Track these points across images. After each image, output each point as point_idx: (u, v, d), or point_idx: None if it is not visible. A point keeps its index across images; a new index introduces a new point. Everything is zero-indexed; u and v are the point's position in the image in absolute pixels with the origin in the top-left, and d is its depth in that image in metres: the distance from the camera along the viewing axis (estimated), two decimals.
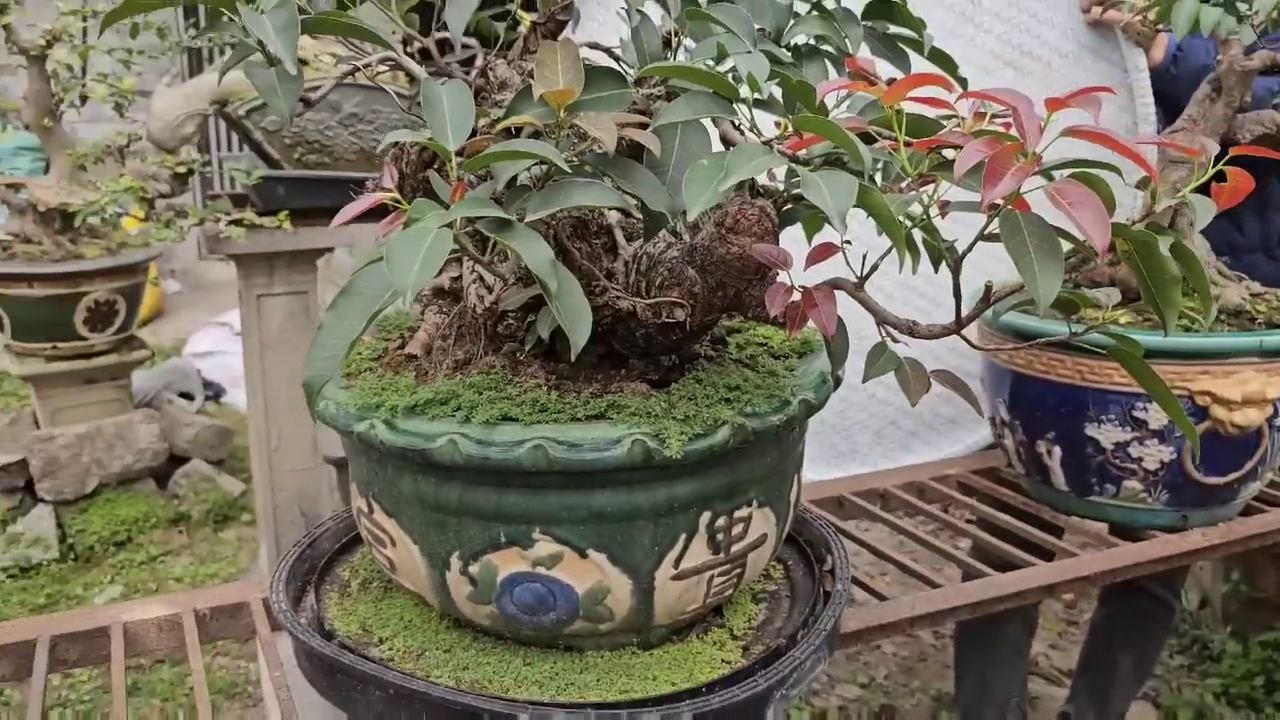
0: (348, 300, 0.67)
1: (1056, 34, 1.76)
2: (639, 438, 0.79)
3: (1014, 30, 1.75)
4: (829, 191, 0.58)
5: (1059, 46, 1.76)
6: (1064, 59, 1.76)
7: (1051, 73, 1.77)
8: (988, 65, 1.75)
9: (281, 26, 0.69)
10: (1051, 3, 1.75)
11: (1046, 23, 1.75)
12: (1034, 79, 1.76)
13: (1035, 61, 1.76)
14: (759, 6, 0.84)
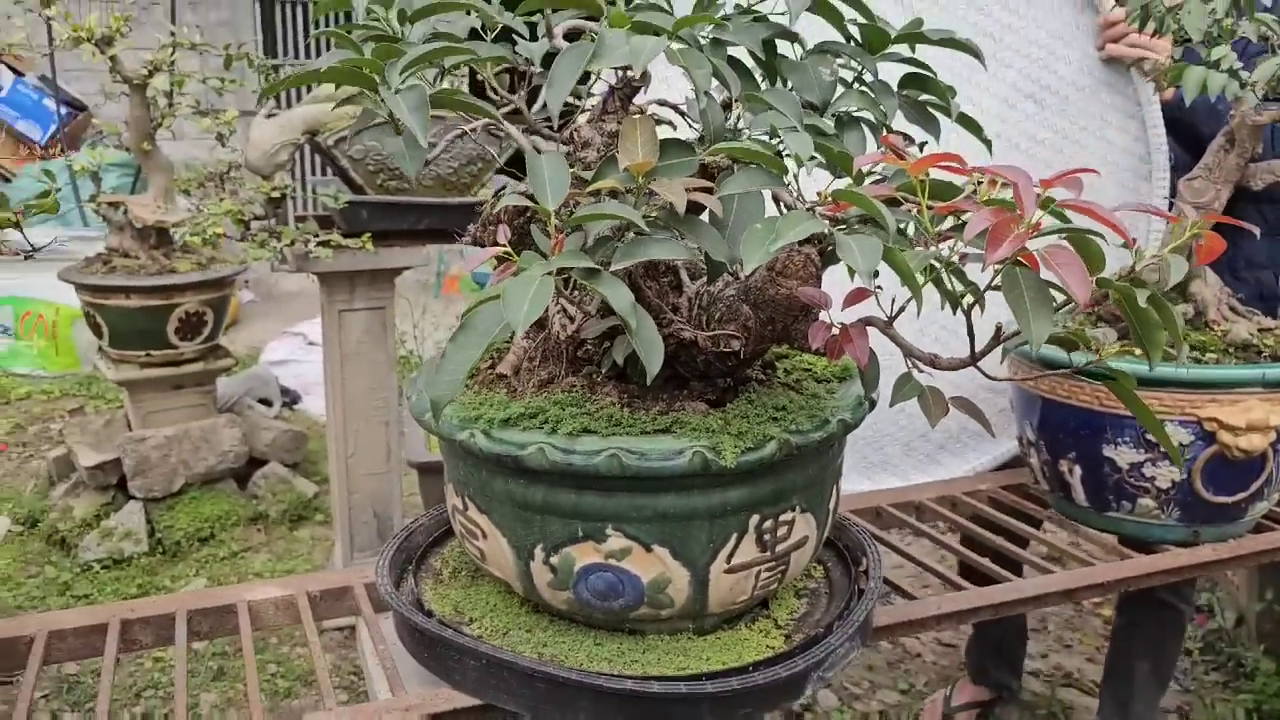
0: (466, 334, 0.82)
1: (1073, 69, 1.87)
2: (699, 449, 0.93)
3: (1033, 66, 1.86)
4: (859, 252, 0.71)
5: (1075, 81, 1.87)
6: (1080, 92, 1.87)
7: (1069, 105, 1.88)
8: (1009, 98, 1.87)
9: (414, 106, 0.85)
10: (1068, 40, 1.86)
11: (1063, 59, 1.87)
12: (1052, 110, 1.87)
13: (1053, 95, 1.87)
14: (807, 82, 0.98)
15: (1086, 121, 1.88)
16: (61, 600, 3.03)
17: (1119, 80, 1.87)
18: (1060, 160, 1.89)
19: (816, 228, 0.75)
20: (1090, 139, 1.89)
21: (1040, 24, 1.87)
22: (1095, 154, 1.90)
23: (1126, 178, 1.91)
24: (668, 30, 0.88)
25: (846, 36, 1.03)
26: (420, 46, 0.91)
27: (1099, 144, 1.90)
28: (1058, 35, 1.87)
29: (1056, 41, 1.87)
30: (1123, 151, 1.89)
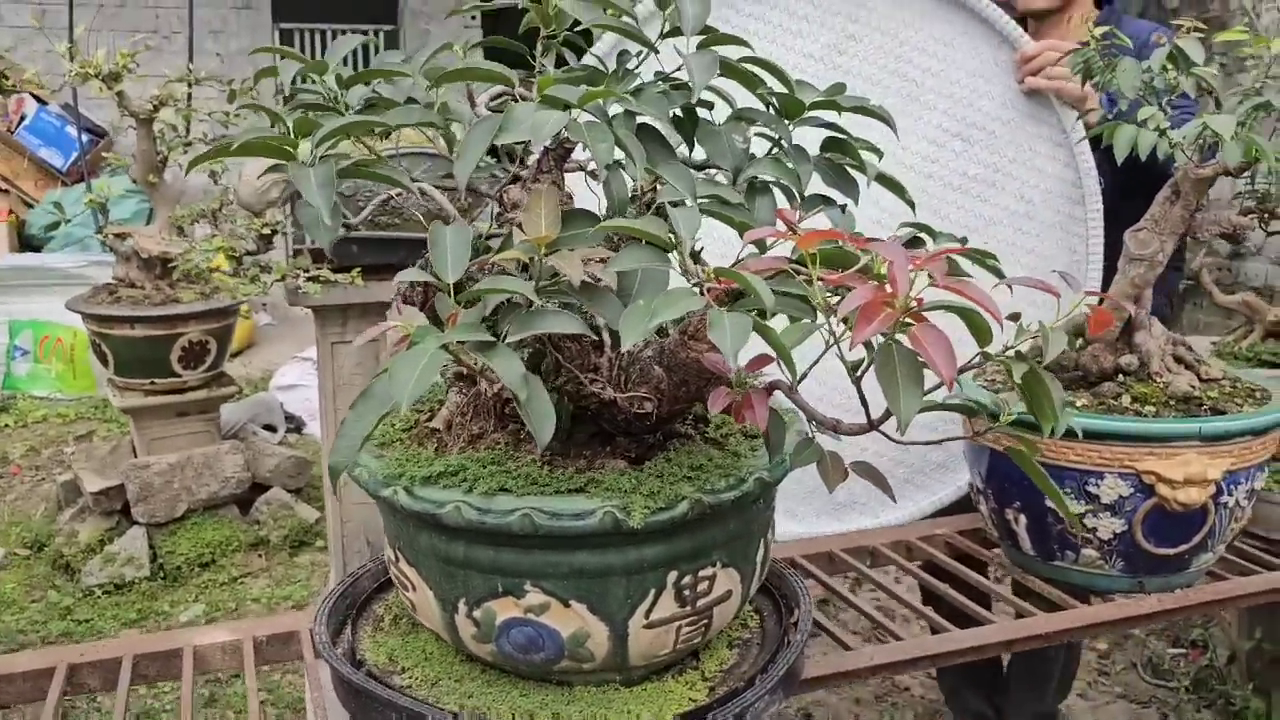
0: (365, 402, 0.84)
1: (996, 104, 1.91)
2: (609, 509, 0.95)
3: (957, 105, 1.90)
4: (729, 331, 0.73)
5: (1000, 115, 1.91)
6: (1006, 126, 1.91)
7: (996, 139, 1.91)
8: (937, 138, 1.91)
9: (320, 184, 0.88)
10: (988, 77, 1.90)
11: (986, 95, 1.91)
12: (980, 146, 1.91)
13: (980, 131, 1.91)
14: (720, 150, 1.00)
15: (1015, 153, 1.93)
16: (63, 625, 3.08)
17: (1042, 111, 1.91)
18: (993, 193, 1.92)
19: (694, 306, 0.77)
20: (1021, 169, 1.93)
21: (959, 65, 1.91)
22: (1028, 184, 1.94)
23: (1060, 204, 1.94)
24: (573, 104, 0.91)
25: (766, 103, 1.05)
26: (335, 120, 0.94)
27: (1030, 173, 1.93)
28: (977, 74, 1.91)
29: (977, 79, 1.91)
30: (1054, 179, 1.93)
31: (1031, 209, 1.94)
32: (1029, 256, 1.95)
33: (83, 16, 5.83)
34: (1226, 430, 1.27)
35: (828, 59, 1.90)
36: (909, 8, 1.90)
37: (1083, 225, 1.93)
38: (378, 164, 0.93)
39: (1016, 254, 1.94)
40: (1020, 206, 1.94)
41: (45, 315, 5.36)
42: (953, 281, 0.75)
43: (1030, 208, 1.94)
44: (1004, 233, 1.95)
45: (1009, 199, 1.93)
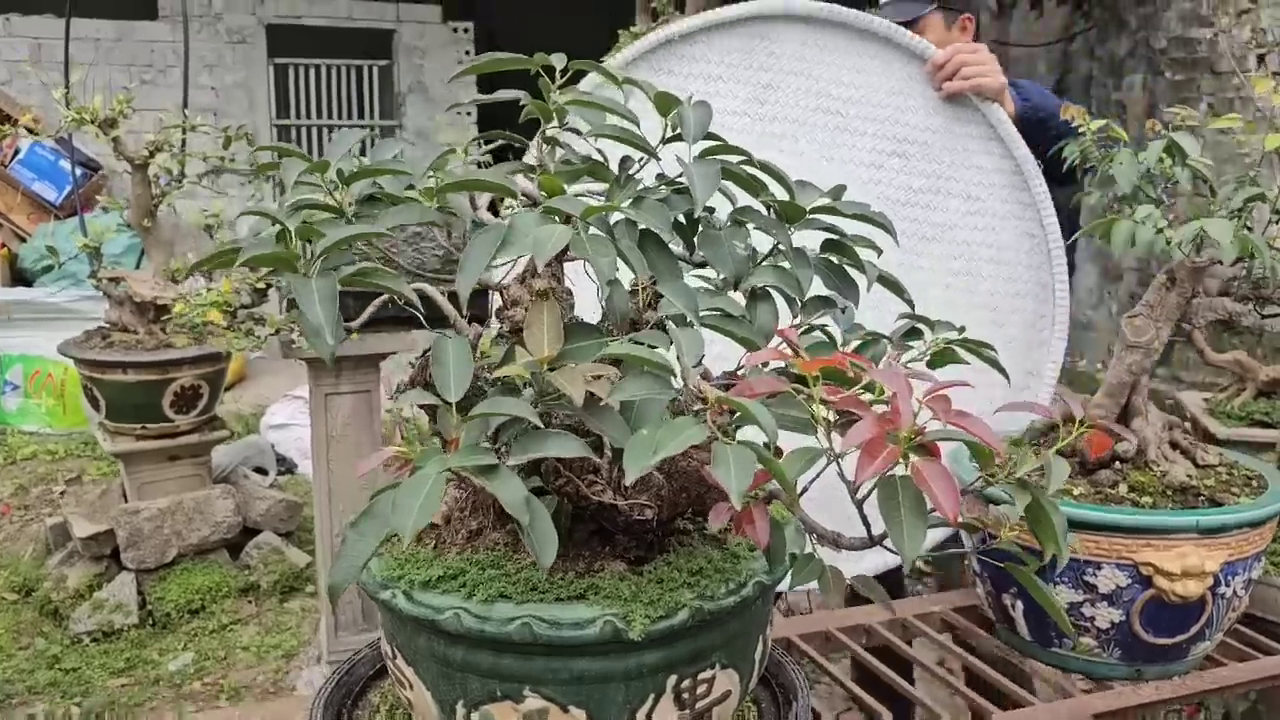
0: (367, 521, 0.84)
1: (921, 115, 1.96)
2: (609, 618, 0.95)
3: (885, 125, 1.96)
4: (734, 468, 0.73)
5: (928, 125, 1.96)
6: (935, 133, 1.96)
7: (930, 148, 1.97)
8: (874, 160, 1.96)
9: (323, 298, 0.88)
10: (907, 92, 1.95)
11: (909, 110, 1.96)
12: (917, 158, 1.97)
13: (912, 144, 1.96)
14: (721, 257, 1.01)
15: (952, 157, 1.98)
16: (50, 674, 3.06)
17: (965, 111, 1.96)
18: (941, 199, 1.97)
19: (699, 437, 0.77)
20: (961, 170, 1.98)
21: (878, 87, 1.96)
22: (971, 182, 1.98)
23: (1006, 193, 1.99)
24: (576, 215, 0.91)
25: (767, 205, 1.06)
26: (338, 229, 0.94)
27: (971, 172, 1.98)
28: (897, 91, 1.97)
29: (898, 97, 1.96)
30: (994, 171, 1.98)
31: (981, 205, 1.98)
32: (989, 250, 1.99)
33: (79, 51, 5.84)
34: (1223, 523, 1.28)
35: (751, 111, 1.95)
36: (814, 46, 1.95)
37: (1034, 209, 1.98)
38: (380, 275, 0.93)
39: (976, 250, 1.98)
40: (970, 205, 1.98)
41: (36, 350, 5.34)
42: (957, 417, 0.75)
43: (979, 204, 1.98)
44: (961, 234, 1.99)
45: (957, 201, 1.98)
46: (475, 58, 1.11)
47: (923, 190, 1.98)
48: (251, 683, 3.04)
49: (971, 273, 2.00)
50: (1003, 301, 2.01)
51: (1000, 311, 2.00)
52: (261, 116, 6.80)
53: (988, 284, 1.99)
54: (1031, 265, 2.00)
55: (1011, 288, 2.01)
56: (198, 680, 3.06)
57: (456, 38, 7.23)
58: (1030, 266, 2.00)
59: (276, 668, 3.11)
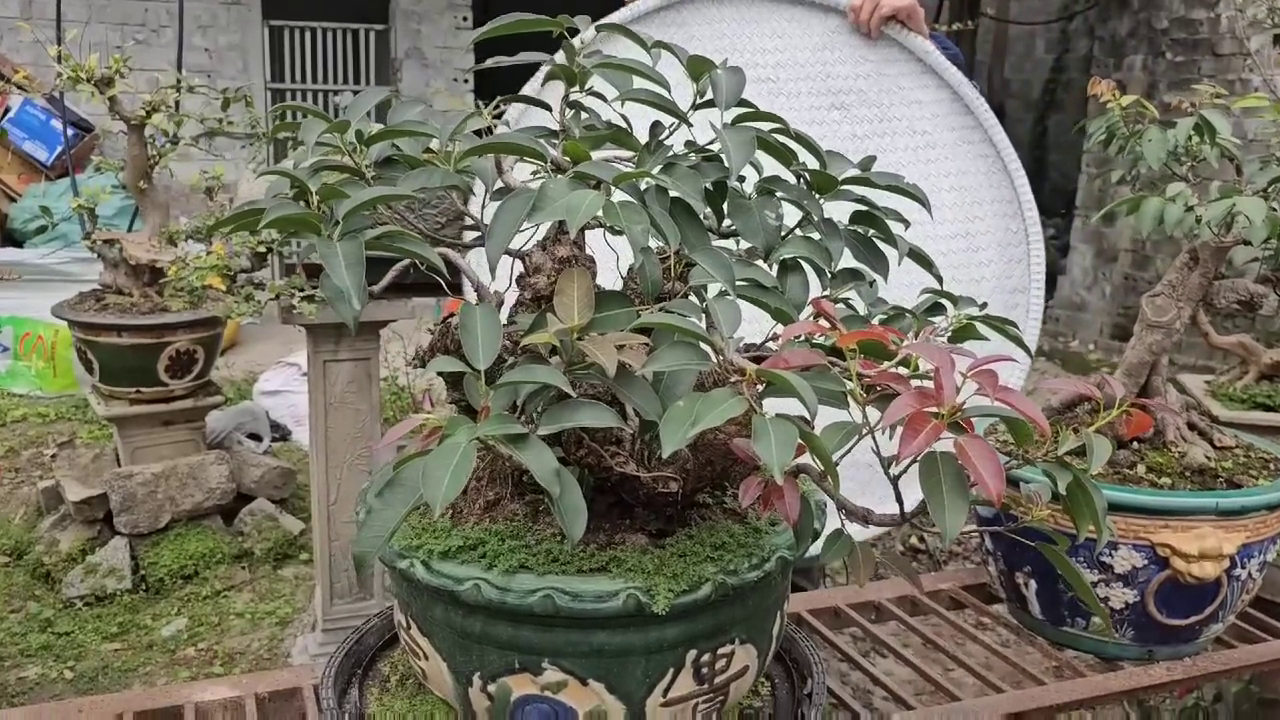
0: (393, 491, 0.82)
1: (849, 66, 2.00)
2: (632, 592, 0.94)
3: (816, 82, 1.99)
4: (775, 443, 0.72)
5: (857, 72, 2.00)
6: (868, 79, 2.00)
7: (865, 95, 2.00)
8: (816, 118, 1.99)
9: (350, 263, 0.85)
10: (831, 45, 2.00)
11: (836, 62, 1.99)
12: (856, 107, 2.00)
13: (849, 94, 2.00)
14: (752, 227, 0.99)
15: (889, 99, 2.01)
16: (43, 638, 3.04)
17: (892, 51, 2.00)
18: (889, 141, 2.00)
19: (737, 410, 0.75)
20: (901, 109, 2.01)
21: (801, 47, 1.99)
22: (914, 118, 2.01)
23: (953, 120, 2.02)
24: (608, 181, 0.89)
25: (796, 175, 1.04)
26: (363, 191, 0.92)
27: (912, 108, 2.01)
28: (821, 47, 2.00)
29: (823, 52, 1.99)
30: (934, 103, 2.02)
31: (929, 138, 2.01)
32: (948, 179, 2.02)
33: (70, 8, 5.74)
34: (1243, 505, 1.27)
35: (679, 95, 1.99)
36: (731, 20, 1.98)
37: (980, 131, 2.01)
38: (406, 238, 0.91)
39: (936, 182, 2.00)
40: (918, 140, 2.01)
41: (26, 311, 5.28)
42: (1004, 393, 0.73)
43: (927, 137, 2.01)
44: (916, 170, 2.00)
45: (904, 139, 2.01)
46: (501, 18, 1.07)
47: (868, 135, 2.00)
48: (245, 649, 3.03)
49: (936, 205, 2.01)
50: (972, 225, 2.03)
51: (973, 236, 2.03)
52: (256, 79, 6.72)
53: (952, 211, 2.02)
54: (992, 184, 2.02)
55: (978, 210, 2.03)
56: (191, 646, 3.05)
57: (454, 4, 7.13)
58: (991, 186, 2.02)
59: (271, 635, 3.10)
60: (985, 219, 2.01)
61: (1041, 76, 9.27)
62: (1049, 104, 9.16)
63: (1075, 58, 8.96)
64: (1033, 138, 8.83)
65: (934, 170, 2.02)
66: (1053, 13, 9.10)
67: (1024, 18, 9.27)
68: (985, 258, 1.99)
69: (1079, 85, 8.75)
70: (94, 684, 2.83)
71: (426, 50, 7.15)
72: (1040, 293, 1.99)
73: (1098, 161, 7.07)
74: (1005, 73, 9.32)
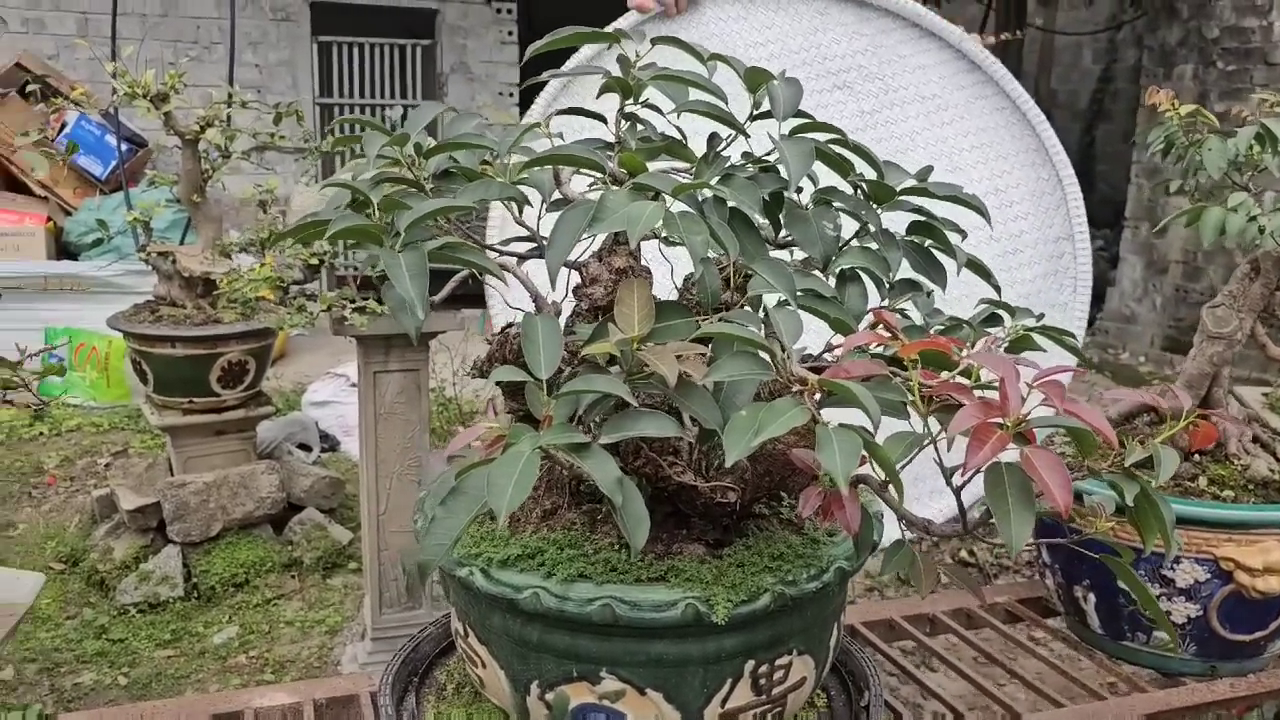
0: (455, 499, 0.83)
1: (844, 46, 1.99)
2: (691, 601, 0.94)
3: (813, 66, 1.96)
4: (839, 453, 0.72)
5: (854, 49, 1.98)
6: (866, 54, 1.98)
7: (867, 70, 1.97)
8: (821, 103, 1.95)
9: (414, 273, 0.87)
10: (820, 28, 1.98)
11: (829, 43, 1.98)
12: (859, 84, 1.98)
13: (850, 72, 1.97)
14: (810, 237, 0.99)
15: (891, 69, 1.98)
16: (98, 644, 3.09)
17: (885, 21, 1.98)
18: (899, 112, 1.98)
19: (800, 419, 0.75)
20: (905, 76, 1.98)
21: (791, 33, 1.98)
22: (921, 83, 1.98)
23: (961, 79, 1.99)
24: (667, 192, 0.90)
25: (854, 185, 1.04)
26: (425, 203, 0.93)
27: (916, 74, 1.98)
28: (812, 30, 1.98)
29: (815, 35, 1.98)
30: (937, 65, 1.98)
31: (939, 101, 1.98)
32: (967, 139, 1.98)
33: (125, 26, 5.87)
34: None
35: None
36: (712, 22, 1.95)
37: (992, 84, 1.97)
38: (467, 249, 0.92)
39: (955, 143, 1.97)
40: (929, 105, 1.98)
41: (80, 323, 5.39)
42: (1071, 404, 0.73)
43: (937, 100, 1.98)
44: (932, 134, 1.98)
45: (914, 106, 1.98)
46: (558, 31, 1.09)
47: (877, 110, 1.98)
48: (295, 657, 3.06)
49: (960, 168, 1.99)
50: (1000, 181, 2.00)
51: (1004, 191, 1.99)
52: (305, 94, 6.82)
53: (977, 170, 1.99)
54: (1014, 136, 1.99)
55: (1003, 165, 2.00)
56: (242, 654, 3.09)
57: (499, 18, 7.20)
58: (1014, 138, 1.99)
59: (320, 643, 3.13)
60: (1013, 172, 1.98)
61: (1089, 87, 9.18)
62: (1096, 114, 9.07)
63: (1123, 68, 8.87)
64: (1080, 148, 8.74)
65: (951, 132, 1.99)
66: (1100, 23, 9.01)
67: (1071, 28, 9.19)
68: (1020, 211, 1.96)
69: (1127, 95, 8.66)
70: (148, 690, 2.88)
71: (472, 65, 7.22)
72: (1085, 239, 1.95)
73: (1147, 172, 6.97)
74: (1052, 83, 9.24)
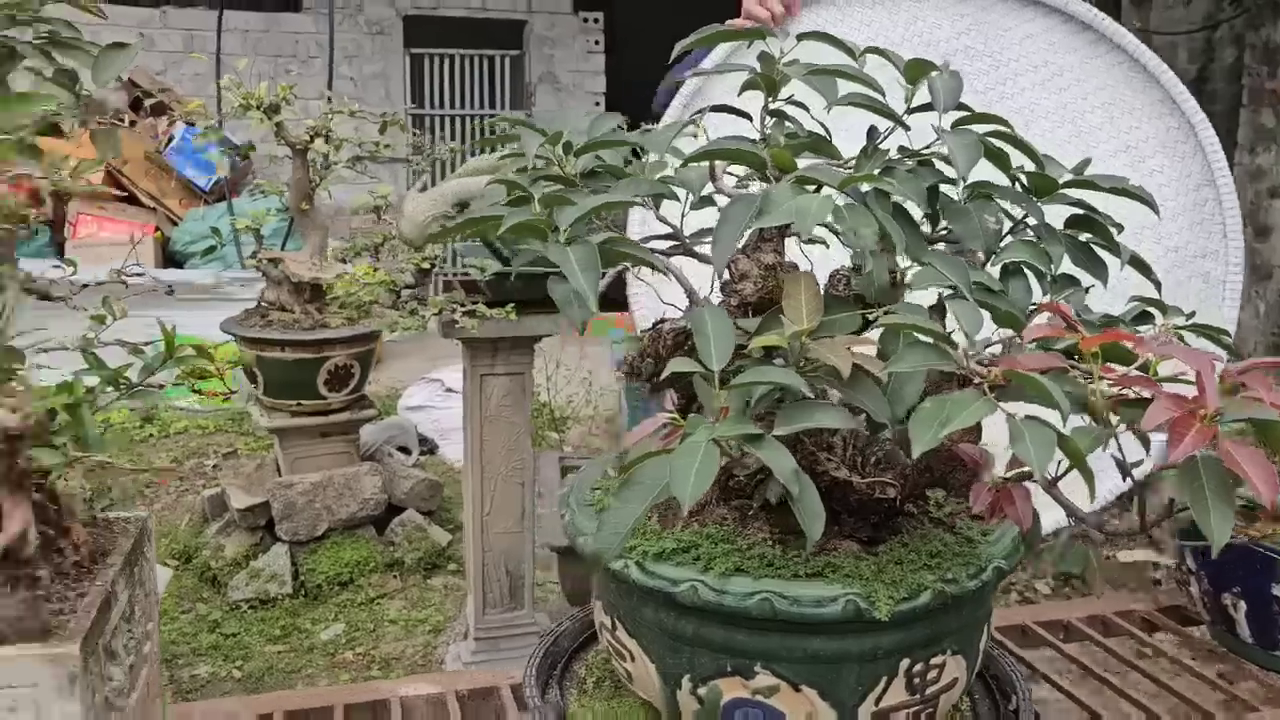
0: (630, 489, 0.84)
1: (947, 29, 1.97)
2: (851, 597, 0.94)
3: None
4: (1034, 447, 0.71)
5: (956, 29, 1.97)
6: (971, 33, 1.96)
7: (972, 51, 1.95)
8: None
9: (585, 266, 0.88)
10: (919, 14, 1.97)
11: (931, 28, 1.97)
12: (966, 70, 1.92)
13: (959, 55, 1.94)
14: (971, 230, 0.98)
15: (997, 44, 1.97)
16: (212, 638, 3.18)
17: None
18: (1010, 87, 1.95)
19: (986, 411, 0.75)
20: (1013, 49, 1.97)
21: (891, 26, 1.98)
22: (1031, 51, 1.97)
23: (1071, 41, 1.97)
24: (832, 185, 0.90)
25: (1011, 179, 1.03)
26: (589, 199, 0.94)
27: (1023, 45, 1.97)
28: (912, 20, 1.98)
29: (915, 24, 1.97)
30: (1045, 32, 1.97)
31: (1053, 68, 1.95)
32: (1087, 101, 1.95)
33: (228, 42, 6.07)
34: None
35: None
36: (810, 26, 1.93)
37: (1105, 43, 1.95)
38: (630, 244, 0.93)
39: (1075, 105, 1.95)
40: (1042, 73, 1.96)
41: (186, 329, 5.53)
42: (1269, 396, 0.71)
43: (1051, 68, 1.95)
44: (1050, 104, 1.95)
45: (1028, 77, 1.95)
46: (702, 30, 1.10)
47: (990, 87, 1.95)
48: (400, 655, 3.12)
49: (1084, 131, 1.96)
50: (1130, 136, 1.96)
51: (1136, 147, 1.95)
52: (397, 105, 6.97)
53: (1105, 131, 1.95)
54: (1135, 89, 1.95)
55: (1130, 120, 1.96)
56: (349, 650, 3.15)
57: (587, 28, 7.27)
58: (1136, 91, 1.95)
59: (425, 642, 3.18)
60: (1141, 126, 1.94)
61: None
62: None
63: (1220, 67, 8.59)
64: None
65: (1070, 97, 1.95)
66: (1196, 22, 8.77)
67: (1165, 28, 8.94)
68: (1156, 164, 1.92)
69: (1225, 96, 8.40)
70: (261, 684, 2.95)
71: (560, 75, 7.30)
72: (1227, 181, 1.90)
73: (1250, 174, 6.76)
74: None
